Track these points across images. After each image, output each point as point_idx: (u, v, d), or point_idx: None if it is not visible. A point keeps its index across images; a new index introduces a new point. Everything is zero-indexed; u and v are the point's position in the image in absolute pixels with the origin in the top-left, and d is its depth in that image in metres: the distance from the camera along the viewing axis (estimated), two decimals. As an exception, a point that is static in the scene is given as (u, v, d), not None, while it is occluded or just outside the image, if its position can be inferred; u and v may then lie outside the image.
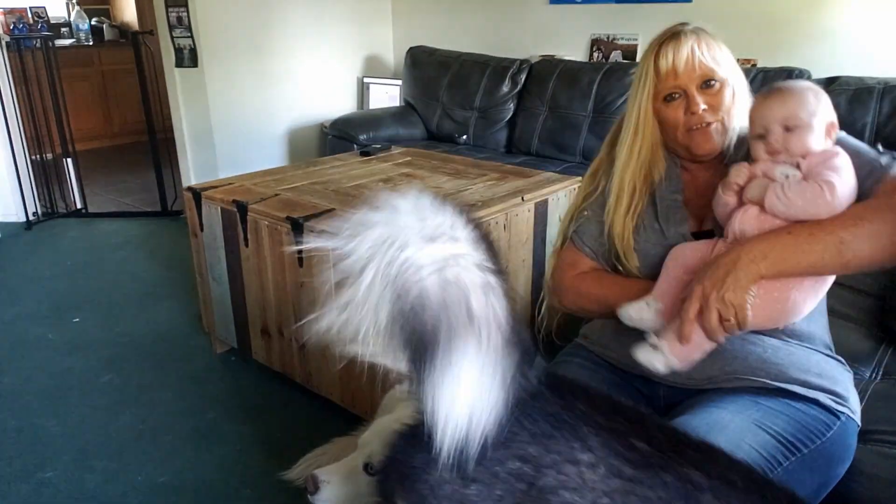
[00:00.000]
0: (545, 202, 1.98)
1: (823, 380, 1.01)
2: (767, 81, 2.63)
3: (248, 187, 1.99)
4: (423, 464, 0.61)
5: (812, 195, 0.91)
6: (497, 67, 3.42)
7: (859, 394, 1.23)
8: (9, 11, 5.02)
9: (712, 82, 1.05)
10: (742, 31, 2.93)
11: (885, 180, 0.94)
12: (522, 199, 1.90)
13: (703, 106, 1.04)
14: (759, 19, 2.87)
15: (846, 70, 2.59)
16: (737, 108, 1.07)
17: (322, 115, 3.84)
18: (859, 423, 1.04)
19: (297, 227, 1.70)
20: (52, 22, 5.37)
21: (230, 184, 2.05)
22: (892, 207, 0.89)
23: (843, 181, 0.91)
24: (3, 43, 3.53)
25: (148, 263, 3.06)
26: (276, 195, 1.91)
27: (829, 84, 2.53)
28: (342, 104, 4.01)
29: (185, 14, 3.25)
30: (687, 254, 1.02)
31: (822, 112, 0.96)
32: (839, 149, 0.95)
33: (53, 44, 3.80)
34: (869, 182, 0.95)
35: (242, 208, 1.84)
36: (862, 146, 1.01)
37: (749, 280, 0.89)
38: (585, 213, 1.19)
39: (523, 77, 3.35)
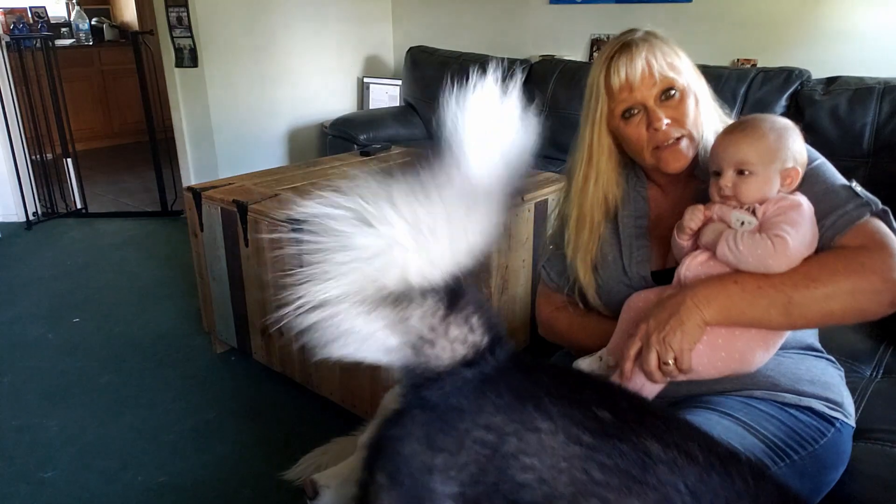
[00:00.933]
0: (545, 202, 1.98)
1: (816, 386, 0.99)
2: (767, 81, 2.63)
3: (248, 187, 2.00)
4: (398, 438, 0.67)
5: (763, 252, 0.87)
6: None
7: (860, 393, 1.23)
8: (9, 11, 5.03)
9: (672, 92, 0.98)
10: (742, 30, 2.93)
11: (846, 233, 0.89)
12: (522, 199, 1.90)
13: (666, 121, 0.97)
14: (760, 19, 2.87)
15: (846, 70, 2.59)
16: (704, 117, 1.01)
17: (322, 115, 3.84)
18: (854, 425, 1.03)
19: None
20: (52, 22, 5.38)
21: (230, 184, 2.05)
22: (848, 272, 0.85)
23: (800, 237, 0.87)
24: (3, 43, 3.53)
25: (148, 263, 3.06)
26: (276, 195, 1.91)
27: (829, 84, 2.53)
28: (342, 104, 4.01)
29: (185, 14, 3.25)
30: (640, 305, 0.99)
31: (781, 158, 0.90)
32: (800, 199, 0.90)
33: (53, 44, 3.80)
34: (830, 231, 0.90)
35: (242, 208, 1.84)
36: (833, 182, 0.94)
37: (692, 324, 0.87)
38: (551, 246, 1.15)
39: (523, 77, 3.35)
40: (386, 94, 3.96)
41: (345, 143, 3.34)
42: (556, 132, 3.20)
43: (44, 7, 5.36)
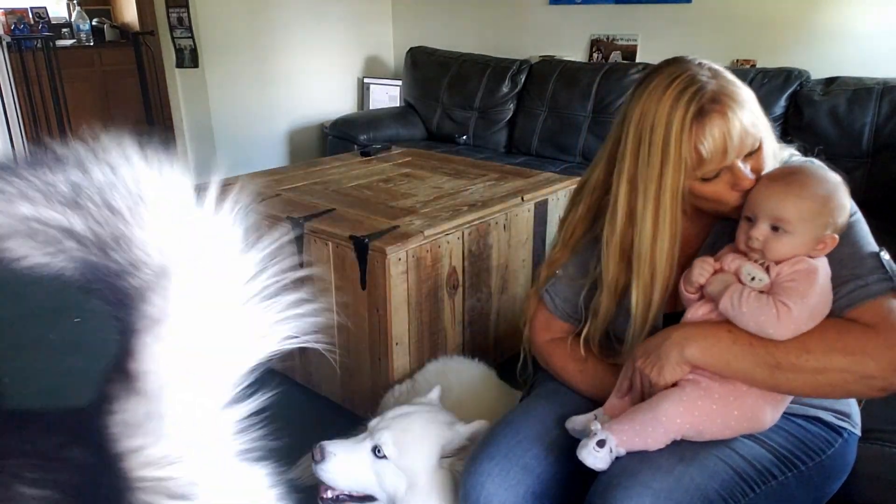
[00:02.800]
0: (545, 202, 1.98)
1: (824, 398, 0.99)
2: (767, 82, 2.63)
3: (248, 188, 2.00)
4: None
5: (766, 319, 0.84)
6: (497, 68, 3.42)
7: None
8: (10, 12, 5.03)
9: (757, 147, 0.91)
10: (741, 31, 2.93)
11: (860, 307, 0.85)
12: (522, 199, 1.91)
13: (751, 177, 0.90)
14: (759, 19, 2.87)
15: (846, 70, 2.59)
16: (772, 150, 0.94)
17: (322, 116, 3.85)
18: (860, 434, 1.03)
19: (298, 228, 1.70)
20: (52, 22, 5.37)
21: (230, 184, 2.05)
22: (846, 352, 0.83)
23: (807, 308, 0.84)
24: (4, 43, 3.54)
25: (148, 264, 3.06)
26: (277, 195, 1.91)
27: (829, 84, 2.53)
28: (342, 104, 4.02)
29: (185, 15, 3.25)
30: None
31: (822, 224, 0.85)
32: (818, 264, 0.86)
33: (54, 44, 3.81)
34: (844, 301, 0.86)
35: (243, 208, 1.84)
36: (862, 246, 0.89)
37: (674, 358, 0.88)
38: (558, 272, 1.12)
39: (523, 77, 3.35)
40: (386, 95, 3.96)
41: (345, 143, 3.34)
42: (556, 132, 3.20)
43: (44, 7, 5.36)
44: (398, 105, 3.85)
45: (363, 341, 1.65)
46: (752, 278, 0.87)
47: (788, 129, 2.58)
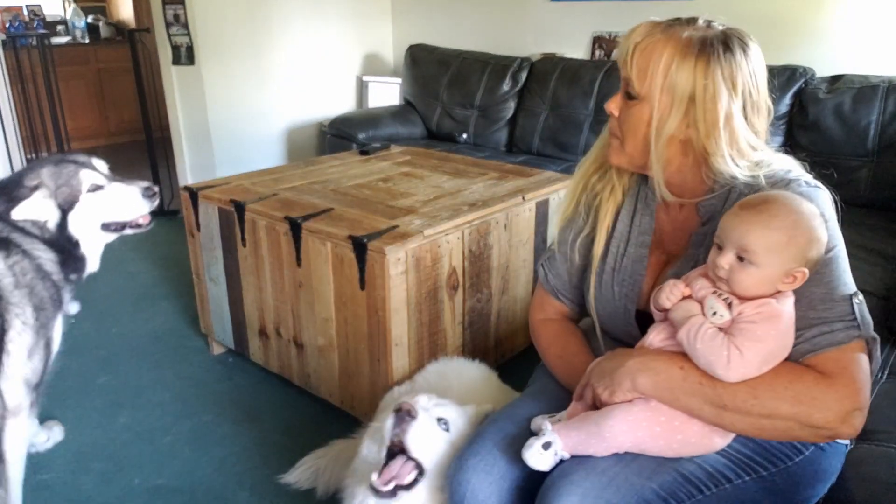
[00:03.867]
0: (546, 202, 1.96)
1: None
2: (771, 80, 2.61)
3: (246, 187, 1.97)
4: None
5: (716, 360, 0.83)
6: (497, 66, 3.40)
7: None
8: (5, 9, 5.00)
9: (631, 93, 0.95)
10: (745, 28, 2.89)
11: (821, 354, 0.83)
12: (523, 198, 1.89)
13: (613, 111, 0.99)
14: (763, 16, 2.85)
15: (850, 68, 2.57)
16: (653, 145, 0.93)
17: (321, 114, 3.82)
18: (847, 443, 1.01)
19: (296, 227, 1.68)
20: (48, 20, 5.35)
21: (227, 183, 2.03)
22: (795, 402, 0.81)
23: (761, 354, 0.82)
24: (-1, 41, 3.51)
25: (144, 264, 3.03)
26: (275, 195, 1.89)
27: (834, 82, 2.51)
28: (341, 103, 3.99)
29: (181, 11, 3.23)
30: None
31: (790, 258, 0.81)
32: (783, 308, 0.83)
33: (49, 42, 3.78)
34: (807, 345, 0.84)
35: (240, 208, 1.82)
36: (835, 287, 0.85)
37: (626, 386, 0.90)
38: (552, 245, 1.19)
39: (524, 75, 3.33)
40: (385, 93, 3.93)
41: (344, 142, 3.32)
42: (557, 131, 3.18)
43: (39, 5, 5.33)
44: (397, 103, 3.82)
45: (362, 342, 1.63)
46: (714, 313, 0.86)
47: (793, 128, 2.57)
